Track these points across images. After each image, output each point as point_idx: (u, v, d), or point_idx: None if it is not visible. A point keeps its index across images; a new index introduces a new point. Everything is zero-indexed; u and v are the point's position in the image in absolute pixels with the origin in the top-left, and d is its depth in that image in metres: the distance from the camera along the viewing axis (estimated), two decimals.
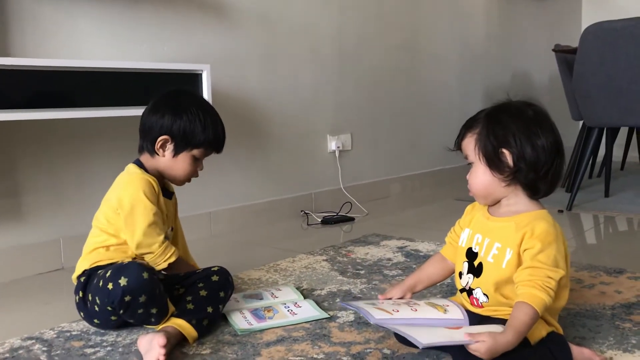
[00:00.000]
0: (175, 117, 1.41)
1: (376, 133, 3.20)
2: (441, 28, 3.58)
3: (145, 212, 1.36)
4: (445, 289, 1.59)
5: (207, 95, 1.99)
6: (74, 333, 1.36)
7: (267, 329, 1.34)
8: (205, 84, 2.00)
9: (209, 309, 1.33)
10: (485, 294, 1.14)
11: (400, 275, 1.74)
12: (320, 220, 2.62)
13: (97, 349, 1.27)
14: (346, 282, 1.70)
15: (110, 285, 1.25)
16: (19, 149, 1.86)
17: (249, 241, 2.30)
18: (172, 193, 1.52)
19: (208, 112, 1.45)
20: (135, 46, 2.10)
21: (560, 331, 1.14)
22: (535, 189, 1.14)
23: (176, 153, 1.43)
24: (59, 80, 1.70)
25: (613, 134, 3.15)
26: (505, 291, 1.12)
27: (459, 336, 1.04)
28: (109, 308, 1.28)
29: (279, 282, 1.71)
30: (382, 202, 3.11)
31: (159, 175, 1.45)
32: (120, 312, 1.28)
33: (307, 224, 2.58)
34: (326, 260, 1.93)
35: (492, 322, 1.11)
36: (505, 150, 1.11)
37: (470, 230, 1.22)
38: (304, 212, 2.72)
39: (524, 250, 1.08)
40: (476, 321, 1.14)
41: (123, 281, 1.23)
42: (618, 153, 3.85)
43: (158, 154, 1.43)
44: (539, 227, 1.09)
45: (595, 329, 1.30)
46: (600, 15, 3.24)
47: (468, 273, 1.18)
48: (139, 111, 1.51)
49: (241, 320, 1.38)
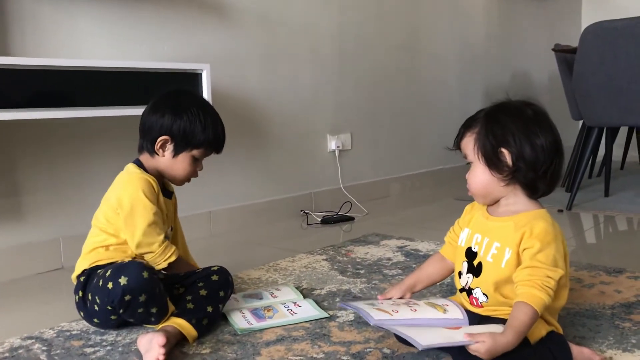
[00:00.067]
0: (176, 117, 1.41)
1: (376, 133, 3.20)
2: (441, 28, 3.58)
3: (145, 211, 1.36)
4: (445, 289, 1.59)
5: (207, 95, 1.99)
6: (73, 332, 1.36)
7: (266, 329, 1.34)
8: (205, 83, 2.00)
9: (209, 309, 1.33)
10: (484, 294, 1.14)
11: (400, 274, 1.75)
12: (320, 219, 2.62)
13: (97, 348, 1.27)
14: (346, 281, 1.70)
15: (110, 285, 1.25)
16: (19, 149, 1.86)
17: (248, 241, 2.30)
18: (171, 193, 1.52)
19: (208, 112, 1.45)
20: (135, 46, 2.10)
21: (560, 331, 1.14)
22: (535, 189, 1.14)
23: (176, 153, 1.43)
24: (59, 79, 1.70)
25: (613, 133, 3.14)
26: (505, 291, 1.12)
27: (458, 337, 1.04)
28: (108, 307, 1.28)
29: (278, 281, 1.72)
30: (381, 201, 3.12)
31: (158, 174, 1.45)
32: (120, 312, 1.28)
33: (307, 224, 2.58)
34: (326, 260, 1.93)
35: (491, 322, 1.11)
36: (504, 150, 1.11)
37: (470, 229, 1.22)
38: (304, 212, 2.72)
39: (523, 249, 1.08)
40: (476, 321, 1.14)
41: (123, 280, 1.24)
42: (618, 153, 3.85)
43: (158, 154, 1.43)
44: (538, 226, 1.09)
45: (595, 329, 1.30)
46: (600, 15, 3.24)
47: (467, 273, 1.18)
48: (138, 111, 1.51)
49: (241, 319, 1.38)
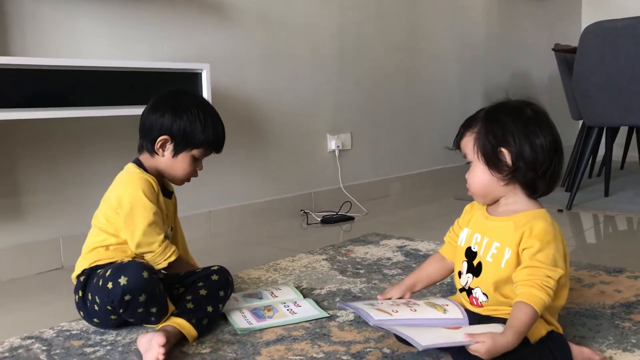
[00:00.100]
0: (175, 117, 1.41)
1: (376, 133, 3.20)
2: (441, 28, 3.58)
3: (145, 211, 1.36)
4: (444, 289, 1.59)
5: (206, 94, 1.99)
6: (73, 332, 1.36)
7: (266, 328, 1.34)
8: (205, 83, 2.00)
9: (209, 308, 1.33)
10: (484, 294, 1.14)
11: (400, 274, 1.75)
12: (320, 219, 2.62)
13: (97, 348, 1.27)
14: (346, 281, 1.70)
15: (110, 285, 1.25)
16: (19, 149, 1.86)
17: (248, 240, 2.30)
18: (171, 192, 1.52)
19: (208, 112, 1.45)
20: (135, 45, 2.10)
21: (560, 330, 1.14)
22: (534, 188, 1.14)
23: (176, 153, 1.43)
24: (59, 79, 1.70)
25: (613, 133, 3.14)
26: (505, 290, 1.12)
27: (458, 337, 1.04)
28: (108, 307, 1.28)
29: (278, 281, 1.72)
30: (381, 201, 3.11)
31: (158, 174, 1.45)
32: (120, 311, 1.28)
33: (307, 224, 2.58)
34: (326, 260, 1.93)
35: (491, 322, 1.11)
36: (504, 150, 1.11)
37: (469, 229, 1.22)
38: (304, 212, 2.72)
39: (523, 249, 1.08)
40: (476, 320, 1.14)
41: (123, 280, 1.24)
42: (618, 152, 3.85)
43: (158, 154, 1.43)
44: (538, 226, 1.09)
45: (595, 328, 1.30)
46: (600, 15, 3.24)
47: (467, 272, 1.18)
48: (138, 110, 1.51)
49: (241, 319, 1.38)
